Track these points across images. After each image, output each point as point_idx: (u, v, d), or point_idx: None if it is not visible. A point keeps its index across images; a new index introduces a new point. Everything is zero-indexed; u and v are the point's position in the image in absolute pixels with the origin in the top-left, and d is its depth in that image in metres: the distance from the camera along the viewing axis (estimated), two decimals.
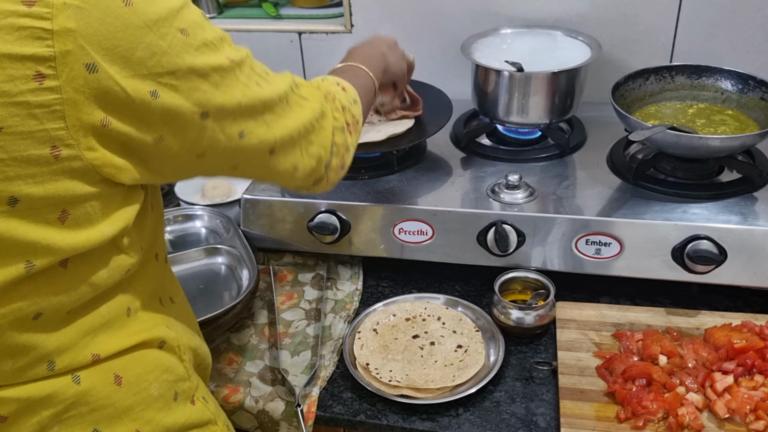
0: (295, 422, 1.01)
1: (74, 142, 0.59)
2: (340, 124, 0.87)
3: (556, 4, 1.40)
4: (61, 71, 0.56)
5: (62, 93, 0.57)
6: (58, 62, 0.56)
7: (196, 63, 0.64)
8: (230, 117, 0.69)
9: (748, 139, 1.10)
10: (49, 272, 0.64)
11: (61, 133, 0.58)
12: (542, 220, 1.12)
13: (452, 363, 1.05)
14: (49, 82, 0.56)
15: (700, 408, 0.94)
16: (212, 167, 0.74)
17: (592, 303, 1.15)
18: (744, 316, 1.09)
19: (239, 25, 1.61)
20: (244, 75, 0.71)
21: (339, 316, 1.18)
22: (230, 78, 0.69)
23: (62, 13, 0.55)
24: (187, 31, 0.64)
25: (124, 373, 0.72)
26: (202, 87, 0.65)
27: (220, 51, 0.67)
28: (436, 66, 1.51)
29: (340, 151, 0.88)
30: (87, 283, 0.67)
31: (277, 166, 0.79)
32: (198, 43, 0.64)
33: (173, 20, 0.62)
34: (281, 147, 0.78)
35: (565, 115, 1.29)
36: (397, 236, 1.18)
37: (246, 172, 0.79)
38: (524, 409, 1.00)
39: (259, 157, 0.76)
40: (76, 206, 0.62)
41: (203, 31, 0.66)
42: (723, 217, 1.07)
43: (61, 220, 0.62)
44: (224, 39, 0.69)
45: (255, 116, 0.73)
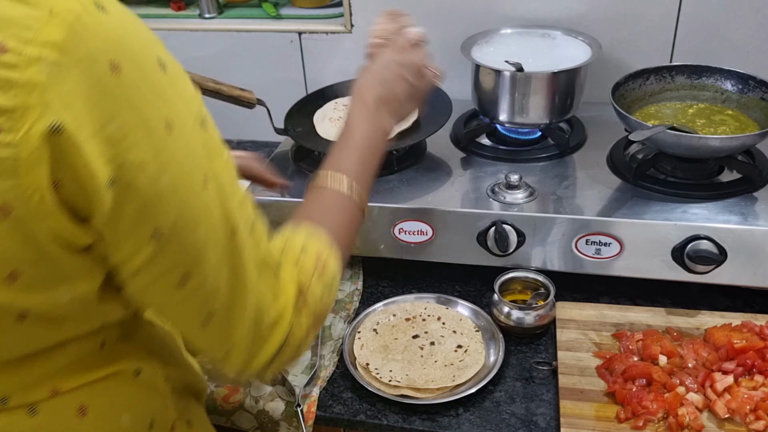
0: (295, 422, 1.01)
1: (26, 204, 0.52)
2: (294, 341, 0.69)
3: (556, 4, 1.40)
4: (20, 126, 0.49)
5: (18, 149, 0.50)
6: (17, 115, 0.49)
7: (171, 169, 0.56)
8: (182, 247, 0.59)
9: (748, 139, 1.09)
10: (2, 325, 0.58)
11: (12, 192, 0.51)
12: (542, 220, 1.12)
13: (452, 363, 1.05)
14: (4, 137, 0.49)
15: (700, 408, 0.94)
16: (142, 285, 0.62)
17: (592, 303, 1.15)
18: (744, 316, 1.09)
19: (239, 25, 1.61)
20: (233, 196, 0.61)
21: (339, 316, 1.18)
22: (206, 198, 0.59)
23: (34, 66, 0.49)
24: (173, 127, 0.55)
25: (90, 402, 0.66)
26: (167, 197, 0.56)
27: (202, 165, 0.59)
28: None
29: (278, 362, 0.69)
30: (48, 336, 0.61)
31: (201, 340, 0.66)
32: (181, 144, 0.56)
33: (161, 107, 0.55)
34: (218, 317, 0.64)
35: (565, 115, 1.29)
36: (397, 236, 1.18)
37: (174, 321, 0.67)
38: (524, 409, 1.00)
39: (189, 316, 0.64)
40: (27, 268, 0.55)
41: (190, 136, 0.57)
42: (723, 217, 1.07)
43: (10, 279, 0.55)
44: (222, 150, 0.61)
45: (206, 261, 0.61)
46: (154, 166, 0.55)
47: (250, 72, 1.61)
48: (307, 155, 1.30)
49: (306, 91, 1.62)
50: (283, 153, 1.35)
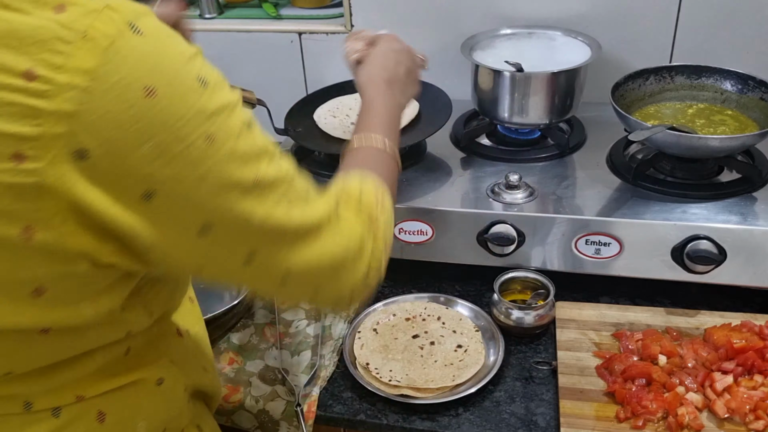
0: (295, 422, 1.01)
1: (51, 225, 0.52)
2: (379, 265, 0.74)
3: (556, 4, 1.40)
4: (45, 154, 0.49)
5: (43, 177, 0.49)
6: (42, 144, 0.49)
7: (211, 177, 0.55)
8: (238, 236, 0.60)
9: (748, 139, 1.10)
10: (25, 339, 0.58)
11: (35, 215, 0.51)
12: (542, 220, 1.12)
13: (452, 363, 1.05)
14: (29, 164, 0.49)
15: (700, 408, 0.94)
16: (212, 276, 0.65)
17: (591, 303, 1.15)
18: (744, 315, 1.09)
19: (239, 26, 1.61)
20: (274, 196, 0.61)
21: (339, 316, 1.19)
22: (253, 197, 0.59)
23: (63, 94, 0.48)
24: (214, 140, 0.55)
25: (109, 410, 0.67)
26: (212, 204, 0.57)
27: (250, 166, 0.58)
28: (436, 66, 1.49)
29: (366, 289, 0.74)
30: (72, 346, 0.62)
31: (285, 296, 0.71)
32: (222, 154, 0.55)
33: (201, 124, 0.54)
34: (297, 277, 0.66)
35: (564, 115, 1.29)
36: (397, 236, 1.18)
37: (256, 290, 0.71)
38: (524, 408, 1.00)
39: (265, 283, 0.67)
40: (52, 285, 0.55)
41: (235, 143, 0.57)
42: (723, 217, 1.08)
43: (36, 295, 0.55)
44: (266, 153, 0.60)
45: (272, 241, 0.63)
46: (192, 177, 0.54)
47: (250, 72, 1.61)
48: (307, 155, 1.30)
49: (306, 91, 1.62)
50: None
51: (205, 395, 0.83)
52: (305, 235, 0.65)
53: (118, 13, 0.51)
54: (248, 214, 0.59)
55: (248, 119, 0.60)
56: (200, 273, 0.63)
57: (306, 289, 0.69)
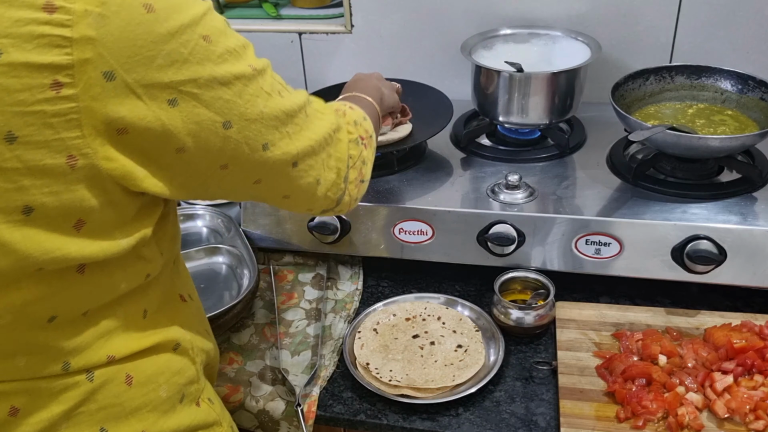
0: (295, 422, 1.01)
1: (91, 152, 0.57)
2: (353, 136, 0.87)
3: (556, 4, 1.40)
4: (79, 79, 0.55)
5: (79, 101, 0.55)
6: (76, 70, 0.54)
7: (218, 71, 0.63)
8: (253, 127, 0.68)
9: (748, 139, 1.10)
10: (65, 277, 0.63)
11: (77, 142, 0.56)
12: (542, 220, 1.12)
13: (452, 363, 1.05)
14: (66, 91, 0.55)
15: (700, 408, 0.94)
16: (235, 180, 0.72)
17: (591, 303, 1.15)
18: (744, 316, 1.09)
19: (239, 26, 1.61)
20: (267, 84, 0.70)
21: (339, 316, 1.19)
22: (253, 87, 0.67)
23: (83, 21, 0.54)
24: (210, 38, 0.62)
25: (135, 373, 0.72)
26: (224, 96, 0.64)
27: (242, 59, 0.66)
28: (436, 66, 1.51)
29: (356, 164, 0.87)
30: (104, 288, 0.67)
31: (299, 180, 0.77)
32: (221, 50, 0.63)
33: (196, 27, 0.61)
34: (303, 159, 0.76)
35: (564, 115, 1.29)
36: (397, 236, 1.18)
37: (270, 188, 0.77)
38: (524, 408, 1.00)
39: (282, 169, 0.75)
40: (92, 216, 0.61)
41: (226, 39, 0.64)
42: (723, 217, 1.08)
43: (76, 228, 0.61)
44: (247, 46, 0.68)
45: (278, 127, 0.71)
46: (205, 75, 0.62)
47: None
48: None
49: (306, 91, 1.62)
50: None
51: (209, 361, 0.87)
52: (298, 112, 0.75)
53: None
54: (255, 96, 0.67)
55: (224, 19, 0.67)
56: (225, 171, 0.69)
57: (311, 174, 0.78)
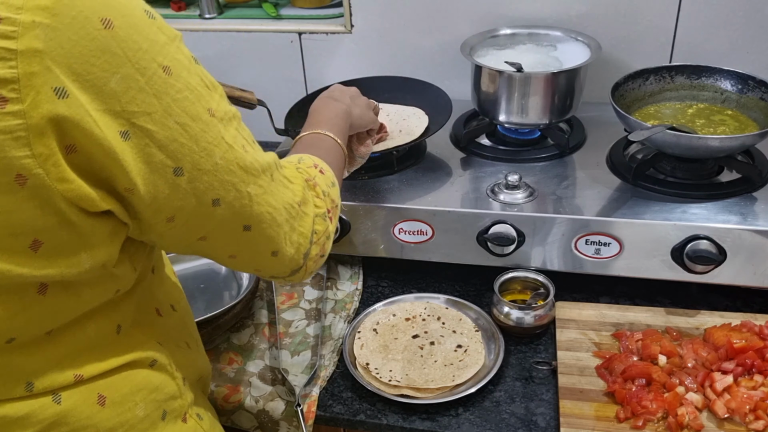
0: (295, 422, 1.01)
1: (42, 172, 0.53)
2: (321, 211, 0.81)
3: (556, 4, 1.40)
4: (26, 95, 0.50)
5: (26, 118, 0.51)
6: (21, 84, 0.50)
7: (175, 108, 0.58)
8: (205, 179, 0.63)
9: (748, 139, 1.10)
10: (24, 298, 0.59)
11: (26, 161, 0.52)
12: (542, 220, 1.12)
13: (452, 363, 1.05)
14: (12, 107, 0.50)
15: (700, 408, 0.94)
16: (178, 234, 0.66)
17: (591, 303, 1.15)
18: (743, 316, 1.09)
19: (239, 26, 1.61)
20: (230, 135, 0.64)
21: (339, 316, 1.19)
22: (212, 133, 0.62)
23: (29, 33, 0.50)
24: (171, 71, 0.58)
25: (108, 393, 0.68)
26: (179, 138, 0.59)
27: (204, 100, 0.61)
28: (436, 66, 1.51)
29: (320, 240, 0.80)
30: (68, 307, 0.63)
31: (252, 245, 0.72)
32: (181, 85, 0.59)
33: (156, 55, 0.57)
34: (259, 225, 0.70)
35: (564, 115, 1.29)
36: (397, 236, 1.18)
37: (216, 246, 0.70)
38: (524, 408, 1.00)
39: (232, 230, 0.69)
40: (49, 236, 0.57)
41: (189, 75, 0.60)
42: (722, 217, 1.08)
43: (33, 249, 0.56)
44: (214, 88, 0.64)
45: (235, 184, 0.65)
46: (160, 111, 0.57)
47: (250, 72, 1.62)
48: None
49: (306, 91, 1.62)
50: (283, 153, 1.34)
51: (199, 378, 0.84)
52: (261, 173, 0.69)
53: None
54: (211, 147, 0.62)
55: (192, 55, 0.63)
56: (173, 221, 0.64)
57: (265, 243, 0.72)
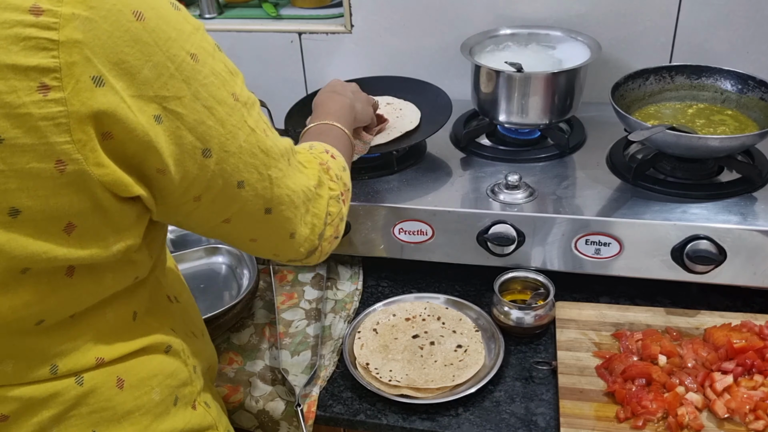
0: (295, 422, 1.01)
1: (81, 157, 0.56)
2: (335, 193, 0.85)
3: (556, 4, 1.40)
4: (67, 83, 0.54)
5: (68, 105, 0.54)
6: (63, 73, 0.54)
7: (202, 93, 0.62)
8: (231, 161, 0.67)
9: (748, 139, 1.10)
10: (53, 281, 0.62)
11: (66, 147, 0.55)
12: (542, 220, 1.12)
13: (452, 363, 1.05)
14: (54, 94, 0.54)
15: (700, 408, 0.94)
16: (204, 215, 0.70)
17: (591, 303, 1.15)
18: (743, 316, 1.09)
19: (239, 26, 1.61)
20: (252, 119, 0.68)
21: (339, 316, 1.19)
22: (236, 117, 0.66)
23: (70, 24, 0.53)
24: (197, 57, 0.62)
25: (127, 376, 0.71)
26: (207, 121, 0.63)
27: (228, 86, 0.65)
28: (436, 66, 1.51)
29: (334, 221, 0.85)
30: (92, 291, 0.66)
31: (270, 227, 0.75)
32: (207, 71, 0.62)
33: (184, 43, 0.60)
34: (278, 207, 0.74)
35: (564, 115, 1.29)
36: (397, 236, 1.18)
37: (239, 229, 0.74)
38: (524, 408, 1.00)
39: (254, 213, 0.73)
40: (82, 219, 0.60)
41: (213, 61, 0.64)
42: (722, 217, 1.08)
43: (66, 231, 0.60)
44: (235, 74, 0.67)
45: (257, 167, 0.70)
46: (189, 95, 0.61)
47: (250, 72, 1.60)
48: None
49: (306, 91, 1.62)
50: None
51: (205, 364, 0.86)
52: (280, 157, 0.73)
53: None
54: (237, 128, 0.66)
55: (216, 43, 0.66)
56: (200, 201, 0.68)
57: (284, 225, 0.76)
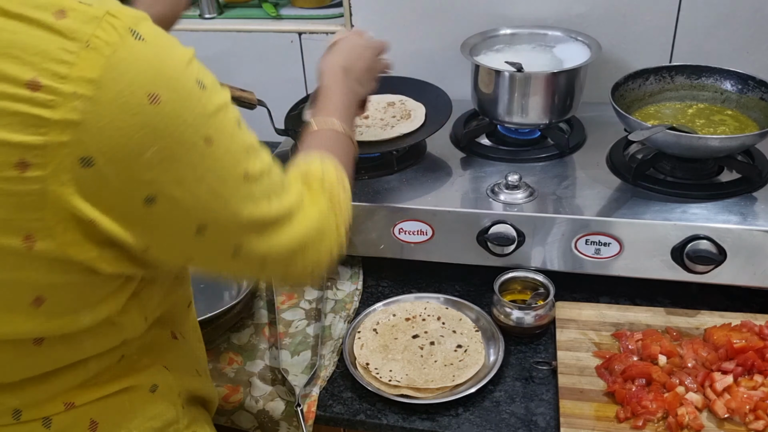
0: (295, 422, 1.01)
1: (53, 234, 0.52)
2: (341, 240, 0.78)
3: (556, 4, 1.40)
4: (49, 162, 0.49)
5: (45, 184, 0.50)
6: (48, 152, 0.49)
7: (209, 176, 0.57)
8: (228, 233, 0.62)
9: (748, 139, 1.10)
10: (19, 348, 0.58)
11: (37, 224, 0.51)
12: (542, 220, 1.12)
13: (452, 363, 1.05)
14: (32, 172, 0.49)
15: (700, 408, 0.94)
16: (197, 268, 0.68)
17: (591, 303, 1.15)
18: (743, 316, 1.09)
19: (239, 26, 1.61)
20: (259, 191, 0.63)
21: (339, 316, 1.19)
22: (242, 193, 0.61)
23: (69, 104, 0.49)
24: (212, 141, 0.56)
25: (100, 417, 0.66)
26: (208, 204, 0.58)
27: (242, 164, 0.60)
28: (436, 66, 1.51)
29: (330, 261, 0.78)
30: (67, 355, 0.62)
31: (265, 274, 0.75)
32: (220, 153, 0.57)
33: (200, 127, 0.55)
34: (273, 260, 0.69)
35: (564, 115, 1.29)
36: (397, 236, 1.18)
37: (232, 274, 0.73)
38: (524, 408, 1.00)
39: (246, 270, 0.72)
40: (53, 293, 0.56)
41: (230, 142, 0.58)
42: (722, 217, 1.08)
43: (35, 305, 0.55)
44: (252, 149, 0.62)
45: (255, 232, 0.65)
46: (192, 179, 0.56)
47: (250, 72, 1.62)
48: None
49: (306, 91, 1.62)
50: (283, 153, 1.35)
51: (202, 400, 0.83)
52: (282, 222, 0.68)
53: (119, 20, 0.51)
54: (239, 209, 0.61)
55: (238, 117, 0.61)
56: (187, 265, 0.66)
57: (280, 268, 0.72)
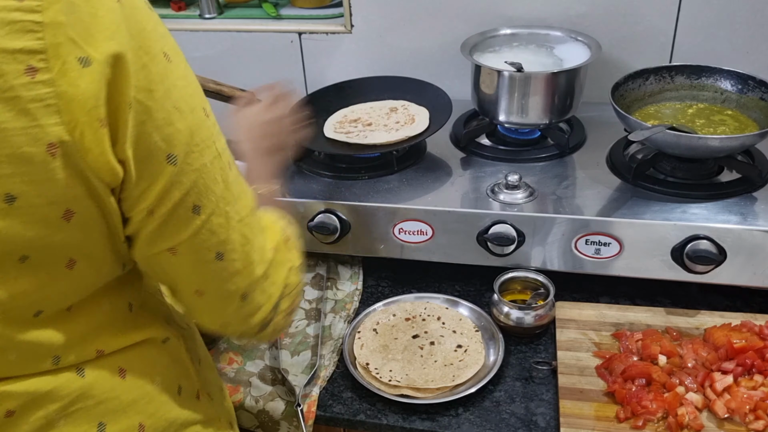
0: (295, 422, 1.01)
1: (71, 139, 0.56)
2: (296, 264, 0.80)
3: (556, 4, 1.40)
4: (53, 64, 0.54)
5: (55, 86, 0.54)
6: (49, 55, 0.54)
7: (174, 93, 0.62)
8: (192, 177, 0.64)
9: (748, 139, 1.10)
10: (52, 272, 0.62)
11: (56, 129, 0.55)
12: (542, 220, 1.12)
13: (452, 363, 1.05)
14: (42, 76, 0.54)
15: (700, 408, 0.94)
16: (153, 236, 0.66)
17: (591, 303, 1.15)
18: (743, 315, 1.09)
19: (239, 26, 1.61)
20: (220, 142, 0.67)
21: (339, 316, 1.19)
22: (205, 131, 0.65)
23: (53, 7, 0.54)
24: (170, 58, 0.62)
25: (128, 366, 0.72)
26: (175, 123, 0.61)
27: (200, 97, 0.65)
28: (436, 66, 1.51)
29: (292, 293, 0.78)
30: (88, 281, 0.66)
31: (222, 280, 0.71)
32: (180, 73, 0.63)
33: (158, 40, 0.60)
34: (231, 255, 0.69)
35: (564, 115, 1.29)
36: (397, 236, 1.18)
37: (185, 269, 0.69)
38: (524, 408, 1.00)
39: (203, 251, 0.68)
40: (80, 206, 0.60)
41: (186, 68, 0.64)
42: (722, 217, 1.08)
43: (65, 218, 0.59)
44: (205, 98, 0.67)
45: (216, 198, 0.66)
46: (161, 90, 0.60)
47: (250, 72, 1.61)
48: (307, 155, 1.30)
49: (306, 91, 1.62)
50: None
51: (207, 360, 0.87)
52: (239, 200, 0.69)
53: None
54: (205, 145, 0.65)
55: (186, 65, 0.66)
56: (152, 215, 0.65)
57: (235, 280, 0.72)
